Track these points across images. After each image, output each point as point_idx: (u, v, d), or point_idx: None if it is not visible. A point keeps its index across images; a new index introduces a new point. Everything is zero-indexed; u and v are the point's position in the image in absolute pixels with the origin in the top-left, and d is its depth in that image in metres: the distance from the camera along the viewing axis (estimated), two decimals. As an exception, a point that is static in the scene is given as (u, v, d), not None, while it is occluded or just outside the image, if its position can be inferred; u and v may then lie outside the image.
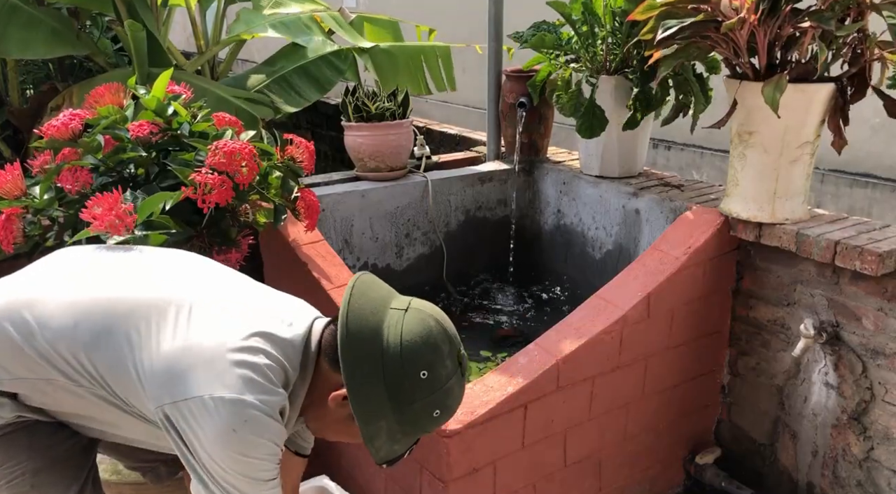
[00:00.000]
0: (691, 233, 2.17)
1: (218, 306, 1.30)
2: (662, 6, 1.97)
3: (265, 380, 1.22)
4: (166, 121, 1.88)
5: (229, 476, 1.20)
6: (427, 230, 2.86)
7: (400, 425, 1.25)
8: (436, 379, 1.24)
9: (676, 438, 2.34)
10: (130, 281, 1.35)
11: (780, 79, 1.85)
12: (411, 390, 1.23)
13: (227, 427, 1.17)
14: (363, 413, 1.23)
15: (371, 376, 1.22)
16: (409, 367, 1.22)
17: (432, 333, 1.25)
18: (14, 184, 1.73)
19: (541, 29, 2.66)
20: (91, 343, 1.26)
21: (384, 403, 1.23)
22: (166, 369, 1.21)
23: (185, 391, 1.19)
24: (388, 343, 1.23)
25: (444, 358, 1.26)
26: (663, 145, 4.33)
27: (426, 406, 1.25)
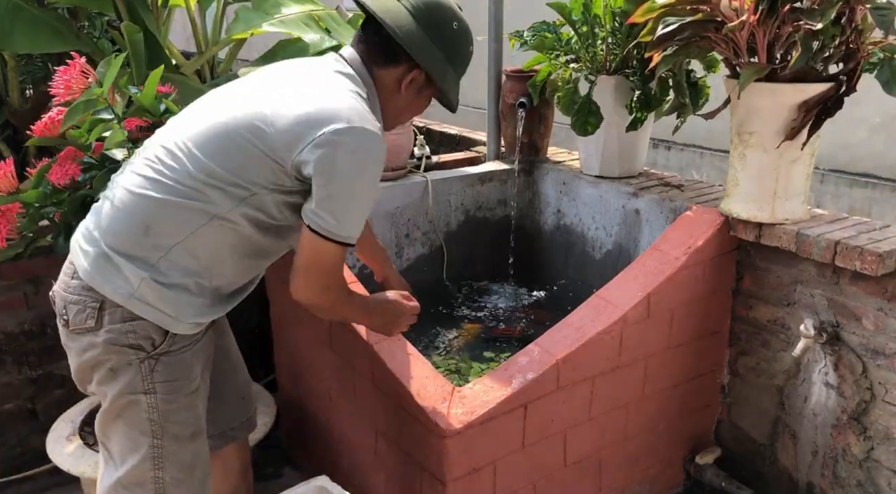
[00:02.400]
0: (691, 233, 2.17)
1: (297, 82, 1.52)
2: (662, 7, 1.97)
3: (368, 111, 1.47)
4: (157, 119, 1.88)
5: (354, 192, 1.44)
6: (427, 230, 2.86)
7: (457, 71, 1.62)
8: (461, 26, 1.59)
9: (676, 438, 2.34)
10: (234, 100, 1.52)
11: (761, 67, 1.85)
12: (454, 40, 1.58)
13: (362, 150, 1.41)
14: (437, 71, 1.56)
15: (425, 41, 1.53)
16: (444, 25, 1.56)
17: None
18: (6, 181, 1.73)
19: (541, 29, 2.66)
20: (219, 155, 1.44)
21: (442, 59, 1.57)
22: (295, 126, 1.41)
23: (319, 128, 1.39)
24: (419, 17, 1.53)
25: (455, 8, 1.59)
26: (663, 145, 4.33)
27: (464, 45, 1.61)
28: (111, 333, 1.47)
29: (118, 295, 1.45)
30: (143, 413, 1.53)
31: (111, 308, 1.47)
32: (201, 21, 3.10)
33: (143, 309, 1.47)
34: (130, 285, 1.45)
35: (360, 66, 1.56)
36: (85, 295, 1.47)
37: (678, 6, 1.95)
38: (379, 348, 1.92)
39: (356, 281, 2.16)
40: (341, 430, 2.26)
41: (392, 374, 1.86)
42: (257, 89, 1.53)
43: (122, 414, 1.54)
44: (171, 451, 1.56)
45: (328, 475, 1.94)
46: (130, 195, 1.47)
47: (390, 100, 1.60)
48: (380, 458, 2.05)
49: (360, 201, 1.47)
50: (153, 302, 1.47)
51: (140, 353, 1.49)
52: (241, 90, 1.55)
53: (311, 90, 1.48)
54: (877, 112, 3.17)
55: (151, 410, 1.53)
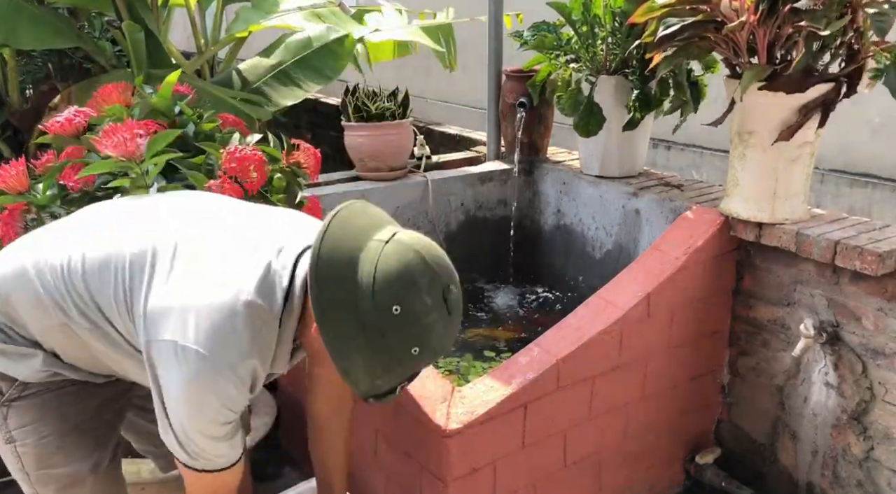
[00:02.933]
0: (691, 233, 2.17)
1: (211, 247, 1.31)
2: (662, 8, 1.97)
3: (235, 342, 1.22)
4: (171, 121, 1.88)
5: (185, 423, 1.25)
6: (427, 230, 2.86)
7: (375, 359, 1.22)
8: (410, 314, 1.20)
9: (676, 438, 2.34)
10: (134, 217, 1.41)
11: (762, 69, 1.85)
12: (382, 323, 1.19)
13: (188, 376, 1.21)
14: (333, 344, 1.21)
15: (340, 307, 1.20)
16: (379, 300, 1.18)
17: (409, 267, 1.20)
18: (18, 179, 1.73)
19: (541, 29, 2.66)
20: (91, 274, 1.31)
21: (354, 335, 1.20)
22: (152, 309, 1.25)
23: (161, 332, 1.22)
24: (362, 275, 1.19)
25: (422, 292, 1.20)
26: (663, 145, 4.32)
27: (401, 341, 1.22)
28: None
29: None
30: (15, 463, 1.46)
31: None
32: (201, 20, 3.10)
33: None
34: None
35: (301, 283, 1.29)
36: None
37: (678, 6, 1.95)
38: (379, 348, 1.92)
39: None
40: (341, 430, 2.26)
41: (392, 374, 1.86)
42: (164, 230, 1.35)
43: (5, 463, 1.49)
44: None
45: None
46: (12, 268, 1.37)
47: (307, 327, 1.31)
48: (380, 458, 2.05)
49: (198, 434, 1.26)
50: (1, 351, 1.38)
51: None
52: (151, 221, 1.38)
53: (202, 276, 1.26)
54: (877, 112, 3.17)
55: (17, 459, 1.45)
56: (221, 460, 1.31)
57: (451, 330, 1.28)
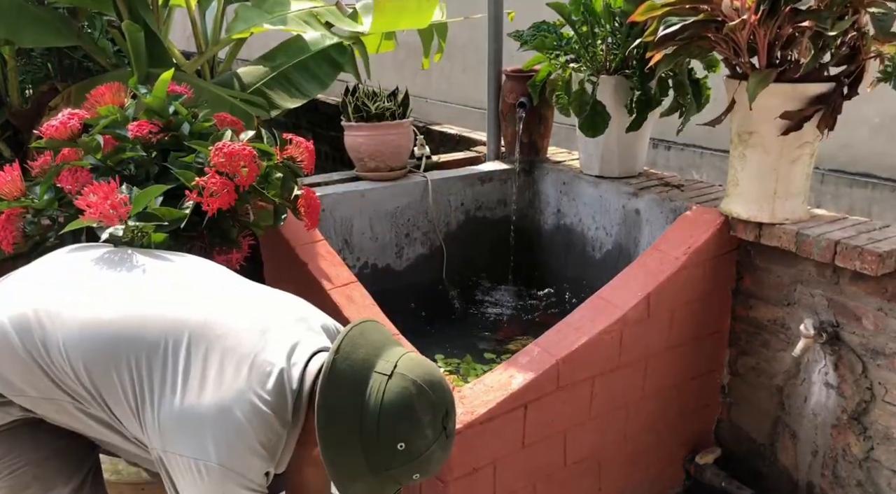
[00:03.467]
0: (691, 233, 2.17)
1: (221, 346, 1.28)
2: (663, 7, 1.97)
3: (251, 452, 1.24)
4: (166, 121, 1.88)
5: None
6: (427, 230, 2.86)
7: (377, 484, 1.26)
8: (414, 450, 1.24)
9: (676, 438, 2.34)
10: (137, 300, 1.34)
11: (768, 74, 1.85)
12: (387, 460, 1.23)
13: (211, 490, 1.22)
14: (338, 475, 1.25)
15: (347, 444, 1.23)
16: (384, 439, 1.22)
17: (412, 404, 1.23)
18: (13, 185, 1.72)
19: (540, 29, 2.66)
20: (95, 365, 1.27)
21: (360, 470, 1.23)
22: (165, 423, 1.24)
23: (178, 446, 1.23)
24: (366, 413, 1.22)
25: (425, 428, 1.24)
26: (663, 145, 4.32)
27: (405, 472, 1.25)
28: None
29: None
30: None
31: None
32: (201, 20, 3.10)
33: None
34: None
35: (309, 385, 1.30)
36: None
37: (679, 5, 1.95)
38: (379, 348, 1.92)
39: (355, 281, 2.16)
40: (341, 430, 2.26)
41: (392, 374, 1.86)
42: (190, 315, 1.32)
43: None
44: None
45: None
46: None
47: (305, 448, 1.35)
48: (380, 458, 2.05)
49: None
50: None
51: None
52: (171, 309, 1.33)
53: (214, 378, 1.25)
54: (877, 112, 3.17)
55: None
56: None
57: (448, 451, 1.32)
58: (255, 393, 1.25)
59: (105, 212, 1.55)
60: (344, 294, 2.08)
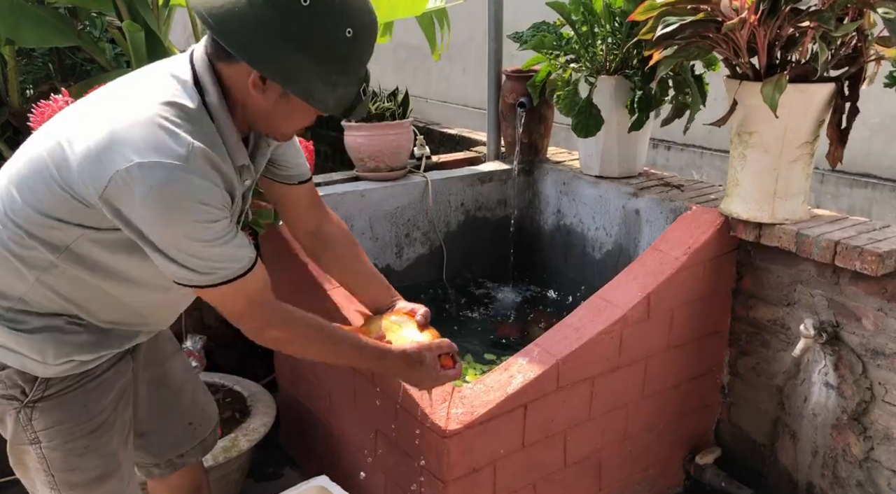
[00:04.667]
0: (691, 233, 2.17)
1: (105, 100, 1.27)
2: (662, 6, 1.97)
3: (174, 134, 1.16)
4: None
5: (175, 239, 1.19)
6: (427, 230, 2.86)
7: (319, 61, 1.18)
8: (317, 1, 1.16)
9: (676, 438, 2.34)
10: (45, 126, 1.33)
11: (780, 79, 1.85)
12: (300, 22, 1.15)
13: (146, 193, 1.14)
14: (277, 73, 1.17)
15: (259, 33, 1.15)
16: (283, 3, 1.15)
17: None
18: None
19: (540, 29, 2.66)
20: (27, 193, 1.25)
21: (284, 50, 1.16)
22: (82, 166, 1.18)
23: (104, 176, 1.16)
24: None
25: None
26: (663, 145, 4.33)
27: (329, 28, 1.17)
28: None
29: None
30: (36, 463, 1.42)
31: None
32: (201, 21, 3.10)
33: (5, 356, 1.34)
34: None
35: (203, 64, 1.24)
36: None
37: (679, 5, 1.95)
38: (379, 348, 1.92)
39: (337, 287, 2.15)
40: (341, 430, 2.26)
41: (392, 374, 1.86)
42: (80, 107, 1.30)
43: (21, 465, 1.45)
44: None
45: (328, 475, 1.95)
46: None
47: (247, 104, 1.27)
48: (380, 458, 2.05)
49: (192, 243, 1.20)
50: (14, 347, 1.33)
51: (14, 403, 1.37)
52: (68, 110, 1.33)
53: (112, 110, 1.21)
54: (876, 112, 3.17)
55: (41, 460, 1.41)
56: (235, 265, 1.25)
57: (364, 2, 1.23)
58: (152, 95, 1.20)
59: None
60: (344, 294, 2.08)
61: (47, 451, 1.40)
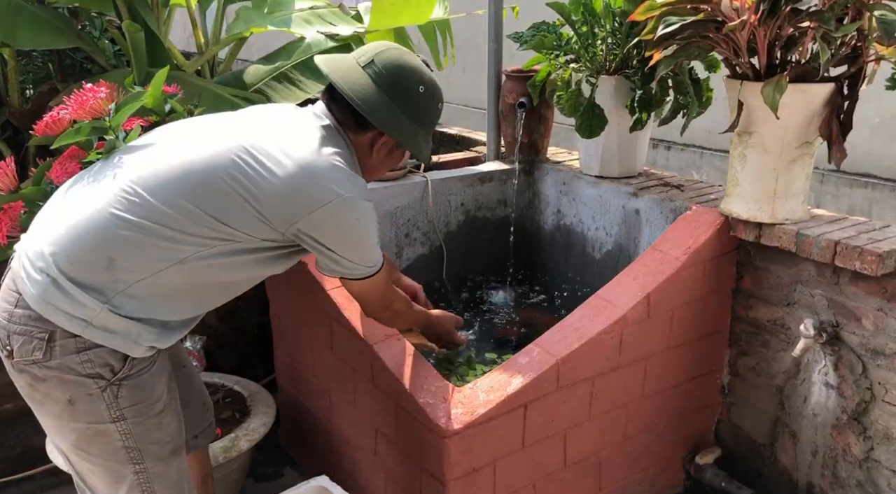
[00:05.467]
0: (691, 233, 2.17)
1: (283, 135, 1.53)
2: (663, 6, 1.97)
3: (353, 175, 1.54)
4: (162, 119, 1.87)
5: (357, 252, 1.58)
6: (427, 230, 2.86)
7: (425, 128, 1.66)
8: (427, 87, 1.63)
9: (676, 438, 2.34)
10: (210, 135, 1.53)
11: (781, 79, 1.85)
12: (421, 103, 1.63)
13: (348, 220, 1.51)
14: (404, 137, 1.62)
15: (391, 111, 1.58)
16: (410, 91, 1.60)
17: (402, 58, 1.62)
18: (8, 180, 1.73)
19: (540, 29, 2.65)
20: (197, 194, 1.43)
21: (409, 123, 1.62)
22: (284, 195, 1.45)
23: (309, 206, 1.46)
24: (384, 86, 1.58)
25: (419, 69, 1.63)
26: (663, 145, 4.33)
27: (432, 106, 1.67)
28: (64, 364, 1.40)
29: (74, 325, 1.39)
30: (117, 441, 1.49)
31: (63, 338, 1.39)
32: (201, 21, 3.10)
33: (101, 337, 1.41)
34: (87, 315, 1.39)
35: (336, 127, 1.61)
36: (32, 326, 1.39)
37: (679, 5, 1.95)
38: (379, 348, 1.92)
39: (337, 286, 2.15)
40: (341, 430, 2.26)
41: (392, 374, 1.86)
42: (239, 134, 1.52)
43: (93, 447, 1.50)
44: (156, 473, 1.54)
45: (328, 475, 1.95)
46: (95, 223, 1.41)
47: (364, 160, 1.66)
48: (380, 458, 2.05)
49: (368, 244, 1.60)
50: (113, 329, 1.42)
51: (100, 381, 1.44)
52: (219, 131, 1.55)
53: (300, 152, 1.50)
54: (877, 112, 3.17)
55: (125, 437, 1.49)
56: (380, 261, 1.64)
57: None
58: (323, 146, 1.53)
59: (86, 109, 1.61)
60: (344, 294, 2.08)
61: (133, 425, 1.50)
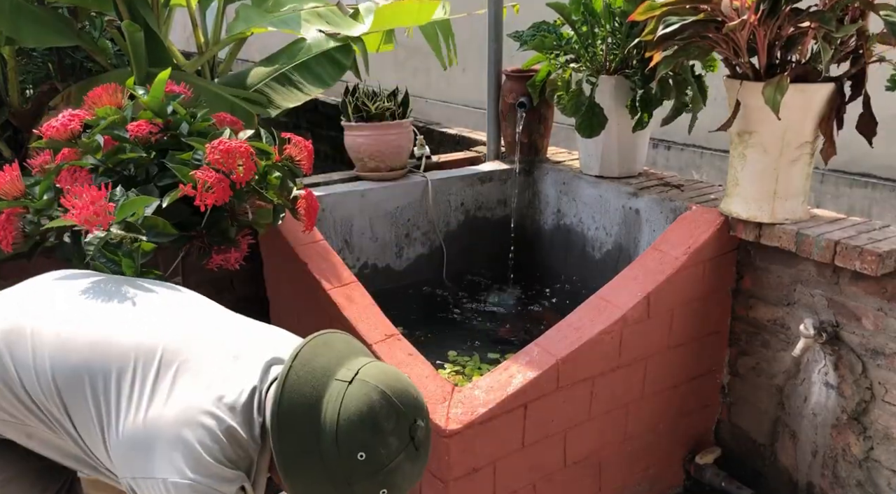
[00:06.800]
0: (691, 233, 2.17)
1: (190, 368, 1.26)
2: (663, 7, 1.97)
3: (219, 461, 1.19)
4: (165, 120, 1.88)
5: None
6: (427, 230, 2.86)
7: None
8: (375, 460, 1.16)
9: (676, 438, 2.34)
10: (116, 321, 1.32)
11: (782, 80, 1.85)
12: (348, 472, 1.16)
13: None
14: (300, 491, 1.20)
15: (304, 456, 1.17)
16: (343, 449, 1.16)
17: (373, 410, 1.17)
18: (13, 185, 1.72)
19: (540, 29, 2.66)
20: (66, 382, 1.26)
21: (321, 482, 1.18)
22: (130, 443, 1.21)
23: (144, 469, 1.19)
24: (324, 421, 1.16)
25: (387, 436, 1.17)
26: (663, 145, 4.33)
27: (369, 486, 1.18)
28: None
29: None
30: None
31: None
32: (202, 20, 3.10)
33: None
34: None
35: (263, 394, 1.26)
36: None
37: (679, 5, 1.95)
38: (378, 348, 1.92)
39: (355, 281, 2.16)
40: (341, 430, 2.26)
41: (392, 374, 1.86)
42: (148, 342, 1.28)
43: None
44: None
45: None
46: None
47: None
48: (380, 458, 2.05)
49: None
50: None
51: None
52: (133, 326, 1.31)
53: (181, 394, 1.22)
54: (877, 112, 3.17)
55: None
56: None
57: (419, 466, 1.23)
58: (219, 409, 1.21)
59: (88, 216, 1.55)
60: (344, 294, 2.08)
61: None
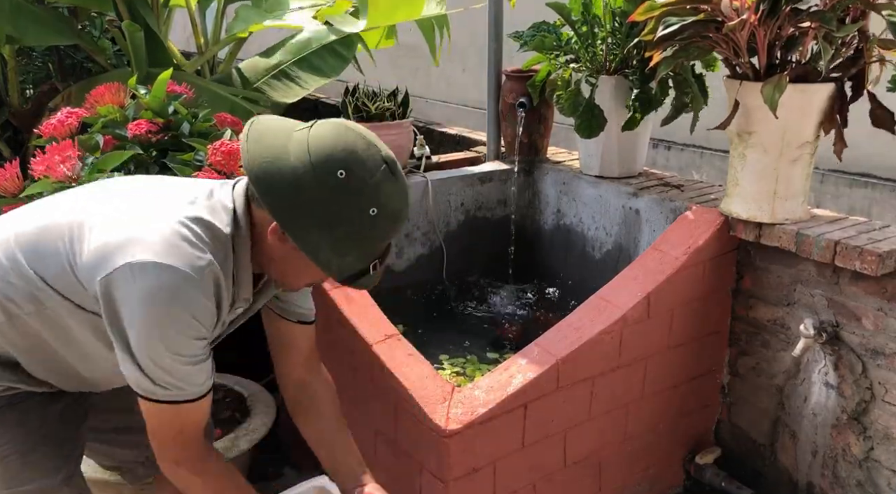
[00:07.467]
0: (691, 233, 2.17)
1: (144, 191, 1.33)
2: (663, 7, 1.97)
3: (187, 240, 1.19)
4: (166, 120, 1.88)
5: (154, 346, 1.19)
6: (427, 230, 2.86)
7: (338, 231, 1.20)
8: (355, 175, 1.18)
9: (676, 438, 2.34)
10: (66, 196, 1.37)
11: (781, 79, 1.85)
12: (331, 193, 1.18)
13: (148, 290, 1.16)
14: (293, 230, 1.19)
15: (287, 192, 1.18)
16: (320, 171, 1.17)
17: (341, 136, 1.21)
18: (12, 182, 1.73)
19: (541, 30, 2.66)
20: (28, 250, 1.27)
21: (309, 214, 1.18)
22: (96, 252, 1.21)
23: (112, 263, 1.18)
24: (298, 157, 1.18)
25: (360, 153, 1.20)
26: (663, 145, 4.33)
27: (355, 204, 1.20)
28: None
29: None
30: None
31: None
32: (201, 20, 3.10)
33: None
34: None
35: (242, 199, 1.28)
36: None
37: (679, 5, 1.95)
38: (378, 348, 1.92)
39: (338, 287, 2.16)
40: (341, 430, 2.26)
41: (392, 374, 1.86)
42: (113, 190, 1.35)
43: None
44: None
45: (328, 475, 1.94)
46: None
47: (262, 246, 1.29)
48: (380, 458, 2.05)
49: (166, 354, 1.19)
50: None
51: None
52: (87, 194, 1.36)
53: (135, 209, 1.26)
54: (877, 112, 3.17)
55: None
56: (191, 388, 1.24)
57: (401, 190, 1.25)
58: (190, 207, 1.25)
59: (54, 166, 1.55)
60: (343, 294, 2.08)
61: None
